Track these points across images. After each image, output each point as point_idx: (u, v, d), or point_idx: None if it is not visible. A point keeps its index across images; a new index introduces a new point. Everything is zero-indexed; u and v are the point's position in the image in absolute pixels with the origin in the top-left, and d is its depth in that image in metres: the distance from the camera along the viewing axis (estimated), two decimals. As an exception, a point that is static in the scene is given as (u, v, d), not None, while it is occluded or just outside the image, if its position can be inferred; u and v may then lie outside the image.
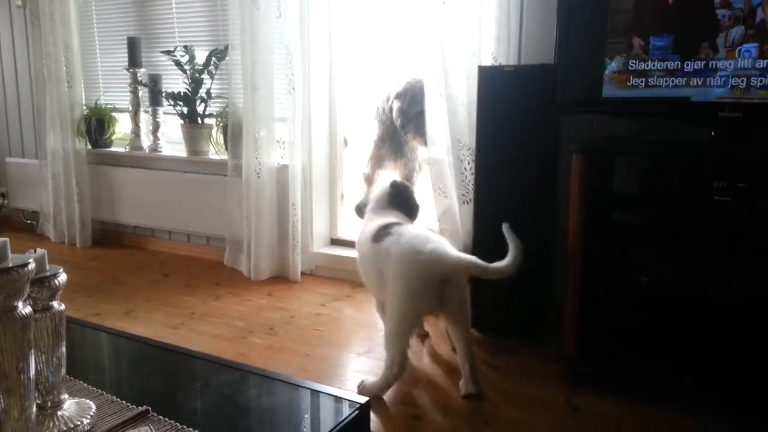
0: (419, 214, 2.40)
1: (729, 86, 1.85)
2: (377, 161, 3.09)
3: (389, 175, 2.96)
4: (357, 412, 1.20)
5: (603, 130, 2.42)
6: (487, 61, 2.48)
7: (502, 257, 1.92)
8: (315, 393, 1.29)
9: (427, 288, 1.91)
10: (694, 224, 1.88)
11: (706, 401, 1.88)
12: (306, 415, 1.24)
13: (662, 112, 2.05)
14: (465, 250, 2.39)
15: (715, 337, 1.84)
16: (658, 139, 2.17)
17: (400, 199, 2.32)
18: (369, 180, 3.15)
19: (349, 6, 3.19)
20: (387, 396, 2.02)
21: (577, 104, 2.14)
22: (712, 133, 1.94)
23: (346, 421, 1.17)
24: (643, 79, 1.97)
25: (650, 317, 1.93)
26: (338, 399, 1.27)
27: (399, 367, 1.92)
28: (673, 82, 1.93)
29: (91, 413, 1.14)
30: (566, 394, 2.01)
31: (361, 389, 1.95)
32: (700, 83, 1.89)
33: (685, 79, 1.91)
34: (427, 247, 1.93)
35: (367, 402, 1.23)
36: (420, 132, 2.88)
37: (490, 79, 2.32)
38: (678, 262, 1.90)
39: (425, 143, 2.91)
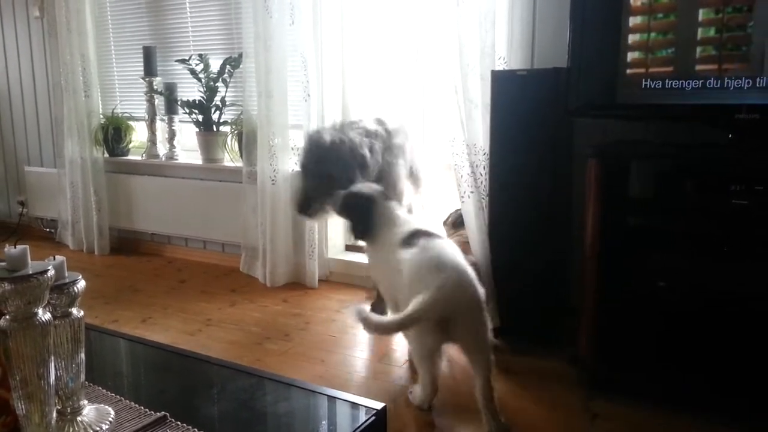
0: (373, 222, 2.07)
1: (747, 87, 1.83)
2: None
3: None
4: (373, 417, 1.19)
5: (617, 134, 2.40)
6: (501, 65, 2.47)
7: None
8: (331, 399, 1.29)
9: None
10: (712, 228, 1.86)
11: (725, 407, 1.85)
12: (323, 421, 1.24)
13: (679, 115, 2.03)
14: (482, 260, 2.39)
15: (733, 342, 1.82)
16: (675, 142, 2.15)
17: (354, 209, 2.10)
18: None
19: (361, 12, 3.20)
20: (403, 401, 2.01)
21: (591, 108, 2.13)
22: (729, 135, 1.92)
23: (362, 427, 1.17)
24: (660, 82, 1.95)
25: (667, 322, 1.91)
26: (354, 405, 1.26)
27: (430, 387, 1.91)
28: (690, 84, 1.91)
29: (110, 419, 1.14)
30: (584, 400, 2.00)
31: (409, 396, 1.99)
32: (717, 84, 1.87)
33: (702, 81, 1.89)
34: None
35: (384, 408, 1.23)
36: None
37: (503, 83, 2.32)
38: (695, 267, 1.88)
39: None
